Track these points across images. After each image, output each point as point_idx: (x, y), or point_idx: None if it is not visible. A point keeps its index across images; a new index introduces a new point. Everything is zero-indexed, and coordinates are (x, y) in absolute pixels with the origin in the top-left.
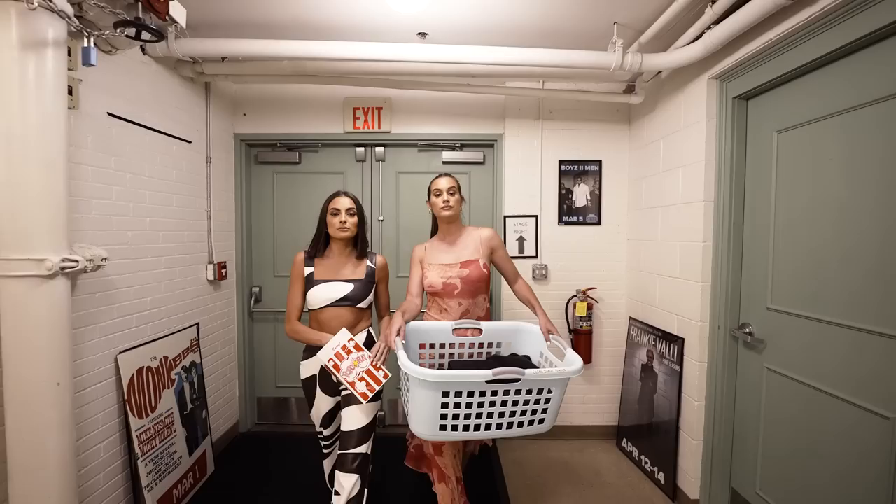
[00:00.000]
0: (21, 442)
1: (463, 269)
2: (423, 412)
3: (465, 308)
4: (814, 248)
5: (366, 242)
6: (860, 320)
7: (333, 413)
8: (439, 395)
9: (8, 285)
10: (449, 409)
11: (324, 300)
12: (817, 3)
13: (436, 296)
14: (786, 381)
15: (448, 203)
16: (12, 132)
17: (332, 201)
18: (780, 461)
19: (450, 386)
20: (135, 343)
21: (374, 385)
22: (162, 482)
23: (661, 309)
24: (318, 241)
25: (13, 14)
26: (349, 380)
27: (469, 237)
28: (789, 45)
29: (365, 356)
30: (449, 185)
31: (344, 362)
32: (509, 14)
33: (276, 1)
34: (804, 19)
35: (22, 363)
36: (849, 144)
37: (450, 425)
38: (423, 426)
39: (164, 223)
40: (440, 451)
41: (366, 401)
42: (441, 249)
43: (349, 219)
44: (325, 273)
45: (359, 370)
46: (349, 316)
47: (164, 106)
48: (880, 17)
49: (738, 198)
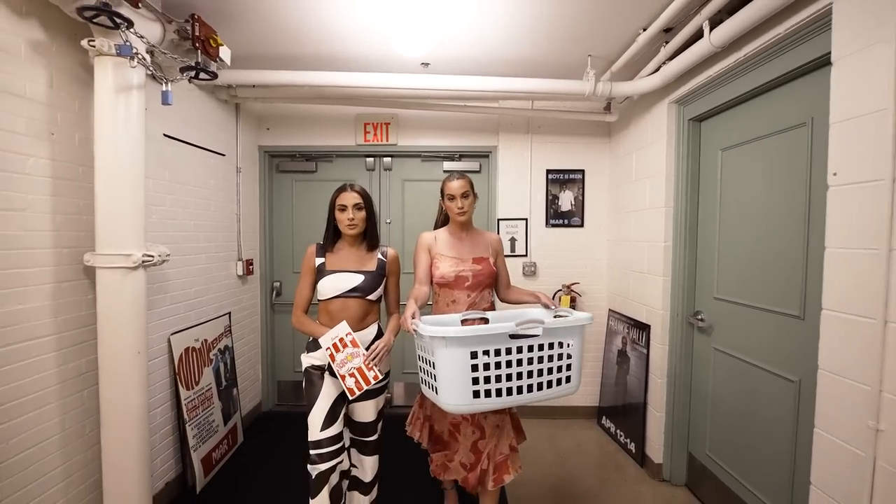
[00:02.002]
0: (111, 397)
1: (475, 264)
2: (454, 379)
3: (473, 300)
4: (744, 247)
5: (376, 235)
6: (772, 304)
7: (337, 407)
8: (468, 356)
9: (104, 274)
10: (479, 371)
11: (334, 290)
12: (741, 51)
13: (445, 287)
14: (728, 358)
15: (463, 209)
16: (109, 156)
17: (338, 197)
18: (724, 425)
19: (476, 342)
20: (183, 326)
21: (363, 384)
22: (203, 445)
23: (633, 301)
24: (329, 235)
25: (110, 66)
26: (341, 373)
27: (480, 237)
28: (726, 81)
29: (360, 353)
30: (462, 190)
31: (339, 354)
32: (501, 49)
33: (301, 39)
34: (732, 62)
35: (112, 335)
36: (767, 163)
37: (482, 390)
38: (455, 395)
39: (204, 226)
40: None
41: (352, 396)
42: (453, 243)
43: (357, 214)
44: (336, 263)
45: (350, 366)
46: (358, 308)
47: (205, 125)
48: (784, 65)
49: (693, 204)
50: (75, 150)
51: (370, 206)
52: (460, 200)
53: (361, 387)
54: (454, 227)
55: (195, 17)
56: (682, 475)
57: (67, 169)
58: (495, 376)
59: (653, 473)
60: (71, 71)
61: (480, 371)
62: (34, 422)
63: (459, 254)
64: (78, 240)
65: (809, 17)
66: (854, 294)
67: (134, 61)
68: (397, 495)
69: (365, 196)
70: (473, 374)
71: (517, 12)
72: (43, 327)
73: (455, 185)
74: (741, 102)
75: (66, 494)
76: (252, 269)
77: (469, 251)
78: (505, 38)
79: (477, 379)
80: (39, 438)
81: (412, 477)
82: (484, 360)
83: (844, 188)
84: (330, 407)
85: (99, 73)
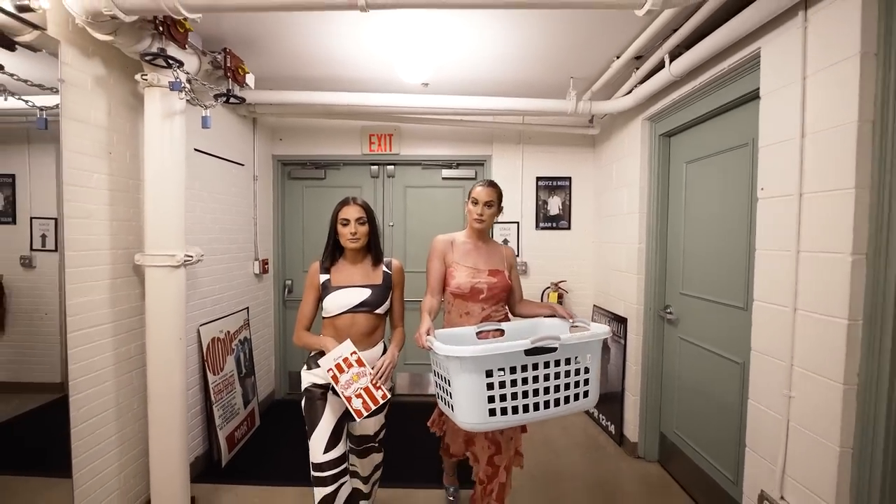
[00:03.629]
0: (158, 377)
1: (491, 276)
2: (470, 398)
3: (488, 313)
4: (704, 248)
5: (380, 248)
6: (724, 297)
7: (341, 427)
8: (483, 375)
9: (152, 272)
10: (495, 389)
11: (341, 306)
12: (697, 80)
13: (460, 297)
14: (691, 346)
15: (481, 217)
16: (156, 171)
17: (340, 211)
18: (688, 406)
19: (491, 361)
20: (210, 319)
21: (371, 404)
22: (227, 425)
23: (613, 297)
24: (330, 251)
25: (157, 95)
26: (346, 394)
27: (496, 248)
28: (688, 103)
29: (366, 372)
30: (487, 199)
31: (343, 375)
32: (494, 71)
33: (314, 64)
34: (691, 88)
35: (158, 323)
36: (721, 176)
37: (499, 408)
38: (471, 415)
39: (227, 229)
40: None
41: (360, 419)
42: (469, 252)
43: (359, 228)
44: (341, 279)
45: (357, 386)
46: (366, 322)
47: (227, 138)
48: (729, 94)
49: (663, 210)
50: (127, 166)
51: (373, 219)
52: (482, 207)
53: (370, 407)
54: (471, 233)
55: (227, 50)
56: (654, 452)
57: (121, 182)
58: (511, 394)
59: (629, 451)
60: (124, 99)
61: (496, 389)
62: (96, 396)
63: (475, 264)
64: (129, 242)
65: (745, 57)
66: (774, 287)
67: (183, 94)
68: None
69: (368, 210)
70: (489, 393)
71: (508, 42)
72: (102, 316)
73: (482, 191)
74: (701, 122)
75: (121, 458)
76: (267, 268)
77: (485, 262)
78: (497, 63)
79: (493, 397)
80: (100, 410)
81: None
82: (500, 379)
83: (769, 200)
84: (332, 429)
85: (148, 101)
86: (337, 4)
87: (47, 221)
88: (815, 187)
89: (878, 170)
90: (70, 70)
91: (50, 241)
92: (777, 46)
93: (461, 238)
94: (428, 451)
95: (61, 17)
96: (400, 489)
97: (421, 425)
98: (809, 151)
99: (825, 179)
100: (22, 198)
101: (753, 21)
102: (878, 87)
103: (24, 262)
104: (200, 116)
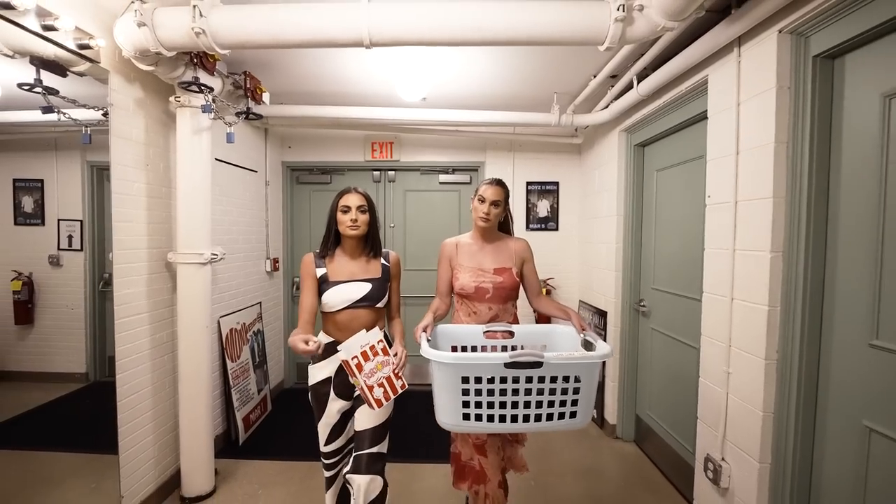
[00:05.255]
0: (188, 360)
1: (496, 275)
2: (446, 399)
3: (495, 313)
4: (671, 247)
5: (378, 239)
6: (685, 291)
7: (344, 421)
8: (459, 380)
9: (183, 268)
10: (470, 395)
11: (342, 302)
12: (661, 99)
13: (466, 298)
14: (661, 335)
15: (487, 216)
16: (187, 181)
17: (342, 198)
18: (658, 389)
19: (467, 369)
20: (228, 311)
21: (391, 393)
22: (244, 408)
23: (596, 292)
24: (328, 241)
25: (188, 114)
26: (369, 383)
27: (504, 245)
28: (656, 118)
29: (390, 361)
30: (494, 198)
31: (368, 363)
32: (485, 87)
33: (322, 82)
34: (657, 106)
35: (188, 313)
36: (683, 184)
37: (473, 414)
38: (446, 415)
39: (242, 230)
40: (483, 452)
41: (379, 407)
42: (473, 252)
43: (360, 216)
44: (339, 274)
45: (380, 375)
46: (368, 317)
47: (243, 148)
48: (686, 113)
49: (638, 214)
50: (161, 176)
51: (373, 210)
52: (488, 206)
53: (389, 396)
54: (476, 233)
55: (247, 73)
56: (631, 433)
57: (156, 190)
58: (487, 402)
59: (609, 433)
60: (158, 117)
61: (472, 396)
62: (136, 375)
63: (480, 264)
64: (161, 242)
65: (697, 82)
66: (717, 280)
67: (212, 114)
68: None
69: (369, 199)
70: (464, 398)
71: (496, 62)
72: (141, 306)
73: (490, 189)
74: (669, 135)
75: (155, 431)
76: (277, 266)
77: (490, 261)
78: (488, 80)
79: (468, 403)
80: (139, 388)
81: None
82: (476, 387)
83: (714, 206)
84: (335, 424)
85: (180, 119)
86: (346, 42)
87: (73, 223)
88: (746, 196)
89: (789, 183)
90: (117, 95)
91: (76, 241)
92: (720, 76)
93: (466, 240)
94: (430, 430)
95: (111, 50)
96: (410, 464)
97: (421, 407)
98: (742, 166)
99: (752, 190)
100: (50, 201)
101: (699, 53)
102: (790, 115)
103: (52, 260)
104: (225, 133)
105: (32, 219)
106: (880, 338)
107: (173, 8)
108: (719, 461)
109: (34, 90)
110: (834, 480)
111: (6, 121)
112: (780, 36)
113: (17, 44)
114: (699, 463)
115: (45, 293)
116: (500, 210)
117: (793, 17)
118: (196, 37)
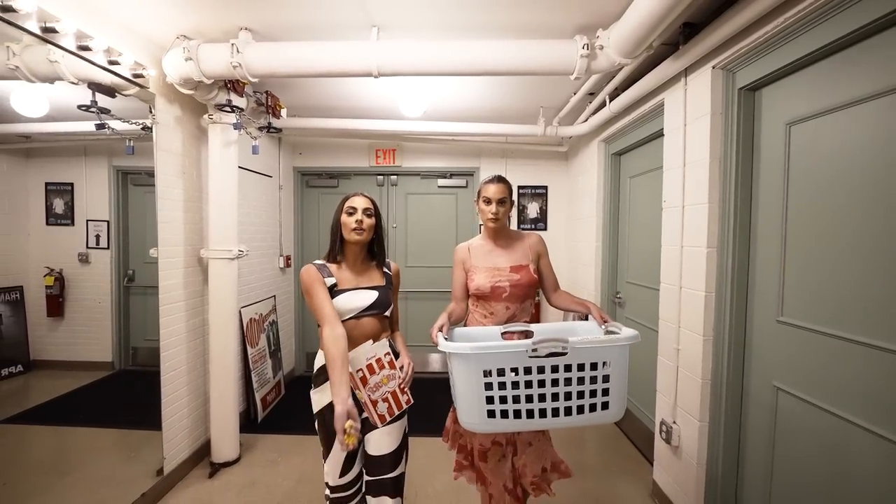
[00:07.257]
0: (217, 343)
1: (513, 273)
2: (468, 397)
3: (513, 312)
4: (641, 245)
5: (384, 247)
6: (650, 283)
7: (355, 451)
8: (480, 374)
9: (214, 263)
10: (494, 390)
11: (351, 310)
12: (630, 115)
13: (482, 299)
14: (632, 322)
15: (496, 216)
16: (217, 187)
17: (348, 200)
18: (636, 376)
19: (489, 360)
20: (248, 303)
21: (395, 409)
22: (262, 389)
23: (581, 287)
24: (335, 248)
25: (219, 130)
26: (373, 397)
27: (518, 242)
28: (627, 131)
29: (396, 375)
30: (500, 196)
31: (374, 376)
32: (478, 102)
33: (331, 98)
34: (628, 121)
35: (219, 303)
36: (649, 190)
37: (498, 410)
38: (470, 414)
39: (259, 230)
40: (484, 458)
41: (382, 424)
42: (487, 252)
43: (366, 219)
44: (346, 282)
45: (385, 389)
46: (374, 325)
47: (260, 156)
48: (649, 129)
49: (614, 215)
50: (195, 182)
51: (379, 216)
52: (496, 206)
53: (393, 412)
54: (487, 234)
55: (268, 92)
56: None
57: (191, 194)
58: (513, 397)
59: None
60: (192, 132)
61: (495, 390)
62: (173, 356)
63: (496, 263)
64: (194, 240)
65: (657, 103)
66: (670, 272)
67: (241, 131)
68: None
69: (375, 204)
70: (487, 394)
71: (488, 81)
72: (179, 296)
73: (492, 188)
74: (639, 146)
75: (189, 405)
76: (289, 262)
77: (506, 260)
78: (481, 97)
79: (492, 398)
80: (176, 366)
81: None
82: (500, 380)
83: (668, 209)
84: (347, 454)
85: (211, 134)
86: (358, 73)
87: (100, 223)
88: (690, 201)
89: (721, 192)
90: (161, 114)
91: (103, 240)
92: (672, 100)
93: (477, 242)
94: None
95: (157, 77)
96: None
97: (428, 391)
98: (688, 176)
99: (695, 196)
100: (79, 203)
101: (654, 81)
102: (721, 136)
103: (81, 258)
104: (248, 144)
105: (63, 219)
106: (784, 315)
107: (214, 44)
108: (671, 423)
109: (90, 110)
110: (754, 430)
111: (52, 131)
112: (714, 71)
113: (82, 73)
114: (657, 427)
115: (75, 288)
116: (508, 207)
117: (723, 56)
118: (233, 69)
